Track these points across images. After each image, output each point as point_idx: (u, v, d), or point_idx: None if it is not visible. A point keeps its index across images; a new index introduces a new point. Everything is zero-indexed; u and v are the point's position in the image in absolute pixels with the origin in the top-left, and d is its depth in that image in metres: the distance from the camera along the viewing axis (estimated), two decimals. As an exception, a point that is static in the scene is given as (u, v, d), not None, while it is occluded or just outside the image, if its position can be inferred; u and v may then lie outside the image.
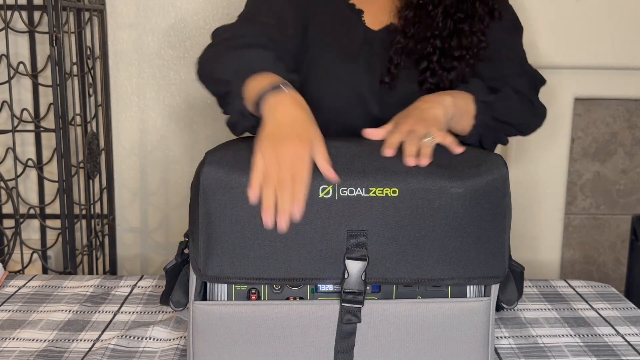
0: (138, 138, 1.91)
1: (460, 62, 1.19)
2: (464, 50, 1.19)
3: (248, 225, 0.88)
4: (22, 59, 1.71)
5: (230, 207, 0.88)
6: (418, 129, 0.96)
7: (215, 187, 0.88)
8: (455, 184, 0.89)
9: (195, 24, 1.85)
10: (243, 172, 0.89)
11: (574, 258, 2.03)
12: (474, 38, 1.19)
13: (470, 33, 1.19)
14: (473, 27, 1.19)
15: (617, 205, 2.00)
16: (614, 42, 1.83)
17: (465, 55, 1.19)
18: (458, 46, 1.19)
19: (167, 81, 1.88)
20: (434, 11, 1.20)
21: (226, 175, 0.88)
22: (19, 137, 1.82)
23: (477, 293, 0.94)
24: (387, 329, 0.92)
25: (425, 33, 1.19)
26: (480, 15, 1.20)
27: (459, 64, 1.19)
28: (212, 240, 0.89)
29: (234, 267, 0.90)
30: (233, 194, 0.88)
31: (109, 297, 1.25)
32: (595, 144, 1.97)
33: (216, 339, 0.93)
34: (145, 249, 1.98)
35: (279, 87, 0.95)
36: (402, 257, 0.90)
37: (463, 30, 1.19)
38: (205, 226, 0.89)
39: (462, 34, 1.19)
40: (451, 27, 1.19)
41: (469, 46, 1.19)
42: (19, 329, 1.12)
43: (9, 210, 1.80)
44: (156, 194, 1.95)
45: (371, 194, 0.88)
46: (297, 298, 0.93)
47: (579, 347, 1.07)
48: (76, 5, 1.66)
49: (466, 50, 1.19)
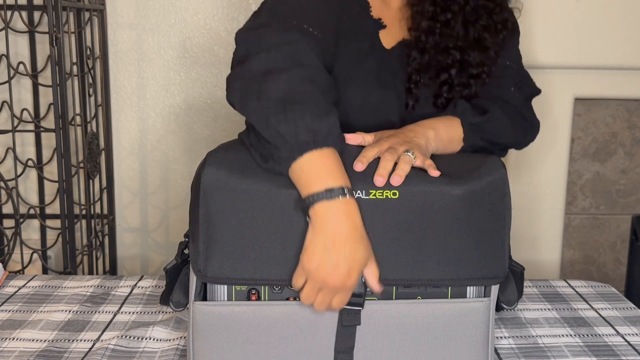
0: (138, 138, 1.91)
1: (477, 80, 1.14)
2: (481, 68, 1.14)
3: (248, 227, 0.88)
4: (22, 59, 1.71)
5: (231, 208, 0.88)
6: (399, 148, 0.94)
7: (215, 188, 0.88)
8: (455, 186, 0.89)
9: (195, 24, 1.85)
10: (243, 174, 0.89)
11: (574, 258, 2.03)
12: (491, 52, 1.15)
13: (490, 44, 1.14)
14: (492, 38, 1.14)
15: (617, 205, 2.00)
16: (614, 42, 1.83)
17: (482, 74, 1.14)
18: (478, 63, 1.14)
19: (167, 81, 1.88)
20: (453, 19, 1.14)
21: (227, 177, 0.88)
22: (19, 137, 1.82)
23: (477, 293, 0.94)
24: (387, 330, 0.92)
25: (443, 44, 1.14)
26: (497, 29, 1.15)
27: (475, 82, 1.14)
28: (212, 241, 0.89)
29: (234, 268, 0.90)
30: (233, 196, 0.88)
31: (109, 298, 1.25)
32: (595, 144, 1.97)
33: (216, 340, 0.93)
34: (145, 249, 1.98)
35: (334, 195, 0.86)
36: (403, 258, 0.90)
37: (485, 40, 1.14)
38: (205, 227, 0.89)
39: (483, 45, 1.14)
40: (472, 37, 1.14)
41: (485, 62, 1.14)
42: (19, 329, 1.12)
43: (9, 210, 1.80)
44: (156, 194, 1.95)
45: (371, 196, 0.88)
46: (297, 298, 0.93)
47: (579, 347, 1.07)
48: (76, 5, 1.66)
49: (482, 67, 1.14)
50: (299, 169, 0.87)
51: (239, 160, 0.91)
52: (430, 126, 1.05)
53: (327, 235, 0.85)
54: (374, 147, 0.95)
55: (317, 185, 0.86)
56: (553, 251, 1.97)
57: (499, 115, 1.11)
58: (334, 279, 0.86)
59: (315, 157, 0.87)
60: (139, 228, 1.97)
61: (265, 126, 0.88)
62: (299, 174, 0.87)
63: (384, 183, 0.88)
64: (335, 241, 0.85)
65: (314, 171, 0.87)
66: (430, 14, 1.14)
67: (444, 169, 0.91)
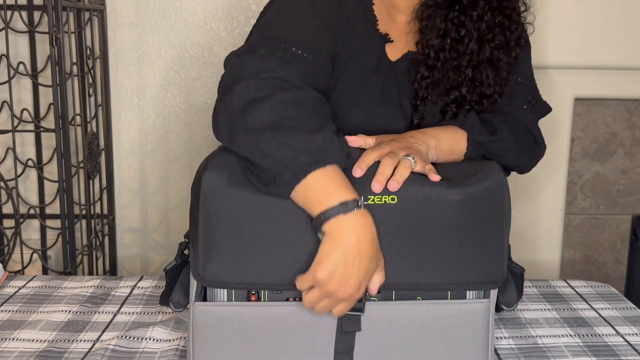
0: (138, 138, 1.90)
1: (488, 99, 1.12)
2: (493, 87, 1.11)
3: (247, 232, 0.88)
4: (22, 59, 1.71)
5: (230, 213, 0.88)
6: (399, 152, 0.93)
7: (216, 193, 0.88)
8: (454, 191, 0.89)
9: (195, 24, 1.84)
10: (244, 179, 0.89)
11: (574, 258, 2.03)
12: (504, 73, 1.12)
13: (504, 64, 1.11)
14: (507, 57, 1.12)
15: (617, 205, 2.00)
16: (614, 42, 1.83)
17: (494, 93, 1.12)
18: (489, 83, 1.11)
19: (167, 81, 1.87)
20: (467, 36, 1.10)
21: (227, 182, 0.88)
22: (19, 137, 1.82)
23: (476, 295, 0.94)
24: (387, 330, 0.92)
25: (457, 62, 1.11)
26: (511, 46, 1.12)
27: (487, 101, 1.12)
28: (212, 245, 0.89)
29: (233, 273, 0.89)
30: (233, 201, 0.88)
31: (108, 298, 1.25)
32: (595, 144, 1.96)
33: (216, 340, 0.93)
34: (145, 249, 1.98)
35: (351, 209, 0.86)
36: (402, 263, 0.90)
37: (500, 60, 1.11)
38: (205, 231, 0.89)
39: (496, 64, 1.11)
40: (486, 55, 1.10)
41: (498, 81, 1.12)
42: (19, 330, 1.12)
43: (9, 210, 1.80)
44: (156, 194, 1.95)
45: (370, 202, 0.88)
46: (297, 299, 0.93)
47: (578, 347, 1.07)
48: (76, 5, 1.66)
49: (495, 87, 1.11)
50: (304, 190, 0.86)
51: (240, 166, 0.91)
52: (432, 135, 1.04)
53: (346, 249, 0.85)
54: (374, 151, 0.94)
55: (330, 200, 0.85)
56: (553, 251, 1.97)
57: (506, 136, 1.08)
58: (344, 292, 0.86)
59: (320, 176, 0.86)
60: (139, 228, 1.97)
61: (262, 157, 0.87)
62: (305, 194, 0.87)
63: (381, 189, 0.88)
64: (356, 255, 0.85)
65: (322, 189, 0.86)
66: (441, 32, 1.11)
67: (443, 174, 0.91)
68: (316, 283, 0.87)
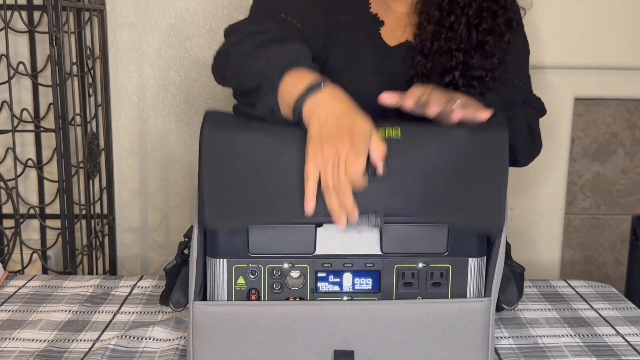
0: (138, 138, 1.90)
1: (480, 82, 1.14)
2: (484, 72, 1.14)
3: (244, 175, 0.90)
4: (22, 59, 1.71)
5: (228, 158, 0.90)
6: (440, 94, 0.95)
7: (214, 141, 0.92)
8: (459, 130, 0.90)
9: (195, 24, 1.84)
10: (238, 127, 0.92)
11: (574, 258, 2.03)
12: (494, 60, 1.15)
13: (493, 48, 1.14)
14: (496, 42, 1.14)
15: (617, 205, 2.00)
16: (614, 42, 1.83)
17: (485, 77, 1.15)
18: (479, 65, 1.14)
19: (167, 81, 1.87)
20: (457, 22, 1.14)
21: (224, 130, 0.92)
22: (18, 137, 1.82)
23: (477, 293, 0.94)
24: (387, 329, 0.92)
25: (447, 46, 1.14)
26: (501, 31, 1.15)
27: (478, 84, 1.14)
28: (214, 189, 0.90)
29: (233, 215, 0.90)
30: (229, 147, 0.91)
31: (108, 297, 1.25)
32: (595, 144, 1.97)
33: (216, 339, 0.93)
34: (145, 249, 1.98)
35: (317, 87, 0.91)
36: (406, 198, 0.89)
37: (488, 43, 1.14)
38: (207, 178, 0.91)
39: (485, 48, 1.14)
40: (475, 40, 1.14)
41: (490, 68, 1.15)
42: (19, 329, 1.12)
43: (9, 210, 1.80)
44: (156, 194, 1.95)
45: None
46: (297, 298, 0.93)
47: (579, 347, 1.07)
48: (76, 5, 1.66)
49: (486, 72, 1.15)
50: (283, 91, 0.93)
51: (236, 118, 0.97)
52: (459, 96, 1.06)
53: (323, 117, 0.88)
54: (418, 89, 0.96)
55: (298, 89, 0.91)
56: (553, 251, 1.97)
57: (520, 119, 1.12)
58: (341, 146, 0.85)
59: (294, 75, 0.93)
60: (139, 228, 1.97)
61: (244, 74, 0.99)
62: (283, 94, 0.93)
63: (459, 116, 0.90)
64: (332, 118, 0.87)
65: (294, 83, 0.92)
66: (435, 19, 1.14)
67: None
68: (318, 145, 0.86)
